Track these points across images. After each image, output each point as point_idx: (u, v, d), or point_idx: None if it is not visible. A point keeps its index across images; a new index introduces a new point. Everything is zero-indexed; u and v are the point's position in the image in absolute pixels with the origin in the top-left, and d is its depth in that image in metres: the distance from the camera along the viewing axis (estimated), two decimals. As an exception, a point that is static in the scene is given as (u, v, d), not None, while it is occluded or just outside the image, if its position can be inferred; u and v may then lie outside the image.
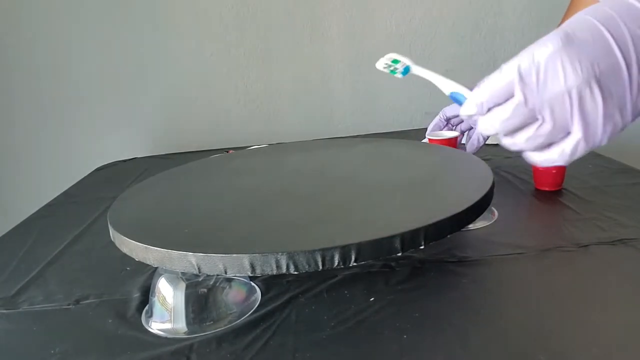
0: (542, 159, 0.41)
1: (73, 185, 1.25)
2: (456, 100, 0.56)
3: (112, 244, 0.63)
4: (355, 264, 0.52)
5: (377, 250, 0.52)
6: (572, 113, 0.38)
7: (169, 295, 0.59)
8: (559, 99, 0.37)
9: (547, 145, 0.41)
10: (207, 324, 0.57)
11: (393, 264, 0.66)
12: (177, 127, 1.62)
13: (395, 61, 0.61)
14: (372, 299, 0.59)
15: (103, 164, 1.42)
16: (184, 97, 1.60)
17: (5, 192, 1.65)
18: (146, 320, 0.60)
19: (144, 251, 0.56)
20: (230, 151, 1.13)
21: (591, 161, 1.02)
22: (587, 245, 0.68)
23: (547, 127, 0.39)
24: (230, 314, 0.59)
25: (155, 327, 0.59)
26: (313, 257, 0.51)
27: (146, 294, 0.65)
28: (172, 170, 0.86)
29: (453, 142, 1.04)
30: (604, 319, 0.53)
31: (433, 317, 0.55)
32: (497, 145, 1.23)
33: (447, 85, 0.59)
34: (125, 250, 0.60)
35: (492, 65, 1.60)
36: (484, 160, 0.76)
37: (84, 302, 0.66)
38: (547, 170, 0.87)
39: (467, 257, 0.67)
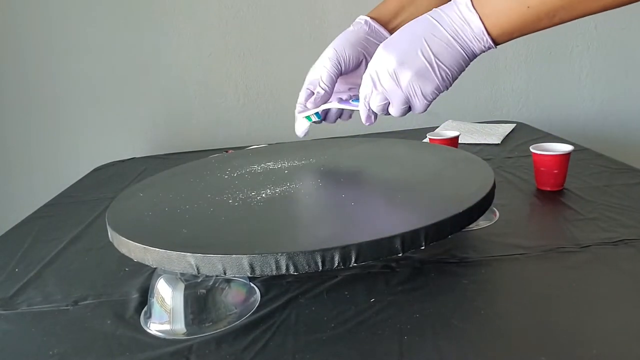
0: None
1: (71, 186, 1.24)
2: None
3: (111, 244, 0.63)
4: (355, 264, 0.52)
5: (377, 251, 0.52)
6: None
7: (167, 296, 0.58)
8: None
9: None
10: (206, 325, 0.57)
11: (393, 264, 0.66)
12: (176, 127, 1.62)
13: (309, 118, 0.72)
14: (372, 299, 0.59)
15: (101, 164, 1.42)
16: (183, 97, 1.60)
17: (4, 192, 1.64)
18: (145, 321, 0.60)
19: (142, 252, 0.56)
20: (230, 151, 1.12)
21: (592, 161, 1.02)
22: (588, 246, 0.67)
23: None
24: (230, 315, 0.58)
25: (154, 328, 0.58)
26: (313, 257, 0.51)
27: (145, 295, 0.65)
28: (171, 171, 0.86)
29: (454, 142, 1.04)
30: (605, 320, 0.52)
31: (433, 317, 0.54)
32: (498, 144, 1.23)
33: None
34: (123, 250, 0.60)
35: (492, 64, 1.60)
36: (485, 160, 0.76)
37: (83, 302, 0.66)
38: (548, 170, 0.87)
39: (468, 258, 0.67)
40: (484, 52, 0.57)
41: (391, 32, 0.70)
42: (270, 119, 1.62)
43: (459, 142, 1.07)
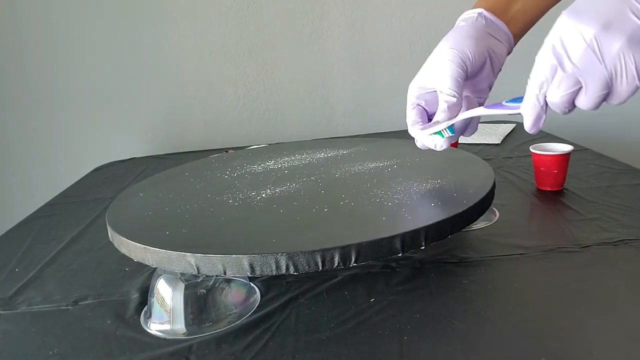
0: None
1: (71, 186, 1.24)
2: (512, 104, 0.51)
3: (111, 244, 0.63)
4: (355, 264, 0.52)
5: (377, 251, 0.52)
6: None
7: (167, 296, 0.58)
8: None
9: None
10: (206, 325, 0.57)
11: (393, 264, 0.66)
12: (176, 127, 1.62)
13: (440, 134, 0.57)
14: (372, 299, 0.59)
15: (101, 164, 1.42)
16: (183, 97, 1.60)
17: (3, 192, 1.64)
18: (145, 321, 0.60)
19: (142, 252, 0.56)
20: (230, 151, 1.12)
21: (593, 161, 1.02)
22: (588, 246, 0.67)
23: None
24: (230, 314, 0.58)
25: (154, 328, 0.58)
26: (313, 257, 0.51)
27: (145, 295, 0.65)
28: (171, 171, 0.86)
29: (454, 142, 1.04)
30: (605, 320, 0.52)
31: (433, 318, 0.54)
32: (498, 144, 1.23)
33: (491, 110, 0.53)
34: (123, 250, 0.60)
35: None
36: (485, 160, 0.76)
37: (83, 302, 0.66)
38: (548, 170, 0.87)
39: (468, 258, 0.67)
40: None
41: (508, 24, 0.58)
42: (270, 119, 1.62)
43: (459, 142, 1.07)
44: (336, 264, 0.51)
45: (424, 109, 0.59)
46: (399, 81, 1.60)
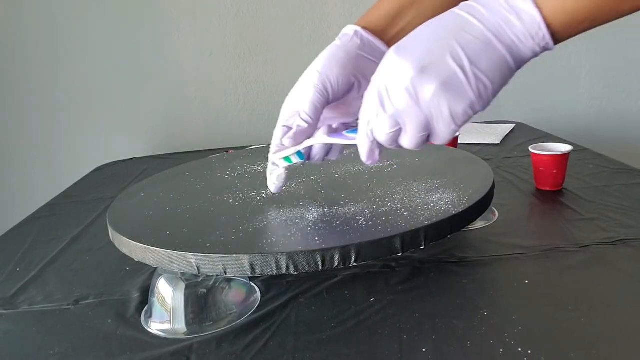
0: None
1: (72, 186, 1.24)
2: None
3: (112, 244, 0.63)
4: (355, 264, 0.52)
5: (377, 251, 0.52)
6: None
7: (168, 296, 0.59)
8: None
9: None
10: (207, 324, 0.57)
11: (393, 264, 0.66)
12: (177, 127, 1.62)
13: (287, 159, 0.56)
14: (372, 299, 0.59)
15: (102, 164, 1.42)
16: (184, 97, 1.60)
17: (4, 192, 1.64)
18: (145, 321, 0.60)
19: (143, 251, 0.56)
20: (230, 151, 1.13)
21: (592, 161, 1.02)
22: (587, 246, 0.68)
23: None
24: (230, 314, 0.59)
25: (155, 327, 0.58)
26: (313, 257, 0.51)
27: (146, 295, 0.65)
28: (172, 171, 0.86)
29: (454, 142, 1.04)
30: (604, 320, 0.53)
31: (433, 317, 0.55)
32: (498, 144, 1.23)
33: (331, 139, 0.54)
34: (124, 250, 0.60)
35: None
36: (485, 160, 0.76)
37: (84, 302, 0.66)
38: (547, 170, 0.87)
39: (467, 258, 0.67)
40: (536, 55, 0.42)
41: (389, 44, 0.55)
42: (270, 119, 1.62)
43: (459, 142, 1.07)
44: (336, 264, 0.51)
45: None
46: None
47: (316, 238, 0.53)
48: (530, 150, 0.88)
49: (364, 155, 0.48)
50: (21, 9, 1.51)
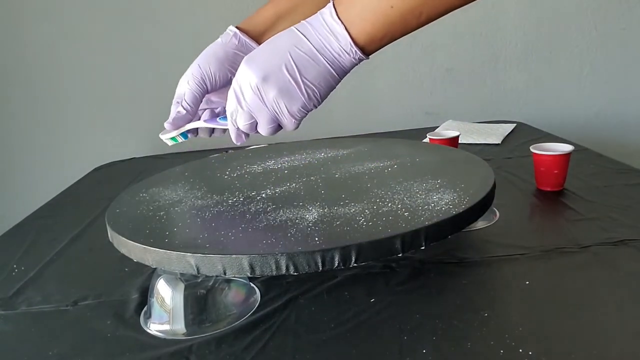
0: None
1: (71, 186, 1.24)
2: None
3: (111, 244, 0.63)
4: (355, 264, 0.51)
5: (377, 251, 0.52)
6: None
7: (167, 297, 0.58)
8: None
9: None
10: (206, 325, 0.57)
11: (393, 264, 0.66)
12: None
13: (174, 139, 0.67)
14: (372, 300, 0.59)
15: (101, 164, 1.42)
16: (184, 97, 1.60)
17: (4, 192, 1.64)
18: (145, 322, 0.60)
19: (142, 252, 0.56)
20: (230, 151, 1.12)
21: (592, 161, 1.02)
22: (588, 246, 0.67)
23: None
24: (230, 315, 0.58)
25: (154, 328, 0.58)
26: (313, 257, 0.51)
27: (145, 295, 0.65)
28: (171, 171, 0.86)
29: (454, 142, 1.04)
30: (605, 320, 0.52)
31: (433, 318, 0.54)
32: (498, 144, 1.23)
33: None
34: (123, 251, 0.60)
35: (493, 64, 1.60)
36: (485, 160, 0.76)
37: (83, 303, 0.66)
38: (548, 170, 0.87)
39: (467, 258, 0.67)
40: (355, 65, 0.53)
41: None
42: (270, 119, 1.62)
43: (459, 142, 1.07)
44: (336, 264, 0.51)
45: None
46: (398, 81, 1.61)
47: (316, 238, 0.53)
48: (531, 150, 0.88)
49: (233, 138, 0.60)
50: (21, 9, 1.51)
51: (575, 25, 1.57)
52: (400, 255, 0.53)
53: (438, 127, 1.39)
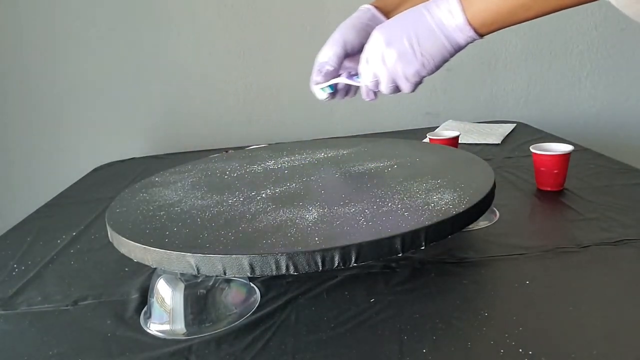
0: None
1: (71, 186, 1.24)
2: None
3: (111, 244, 0.63)
4: (355, 264, 0.51)
5: (377, 251, 0.52)
6: None
7: (167, 296, 0.58)
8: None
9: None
10: (206, 325, 0.57)
11: (393, 264, 0.66)
12: (176, 127, 1.62)
13: (324, 89, 0.75)
14: (372, 300, 0.59)
15: (101, 164, 1.42)
16: (183, 97, 1.60)
17: (4, 192, 1.64)
18: (145, 322, 0.60)
19: (142, 252, 0.56)
20: (230, 151, 1.12)
21: (593, 161, 1.02)
22: (588, 246, 0.67)
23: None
24: (230, 315, 0.58)
25: (154, 328, 0.58)
26: (313, 257, 0.51)
27: (145, 295, 0.65)
28: (171, 171, 0.86)
29: (454, 142, 1.04)
30: (605, 320, 0.52)
31: (433, 318, 0.54)
32: (498, 144, 1.23)
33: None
34: (123, 251, 0.60)
35: (492, 64, 1.60)
36: (485, 160, 0.76)
37: (83, 303, 0.66)
38: (548, 170, 0.87)
39: (468, 258, 0.67)
40: (469, 43, 0.60)
41: None
42: (270, 119, 1.62)
43: (459, 142, 1.07)
44: (336, 264, 0.51)
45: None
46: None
47: (316, 238, 0.53)
48: (531, 150, 0.88)
49: (363, 94, 0.68)
50: (22, 9, 1.51)
51: (575, 25, 1.57)
52: (400, 255, 0.53)
53: (438, 127, 1.39)
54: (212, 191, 0.72)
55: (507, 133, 1.31)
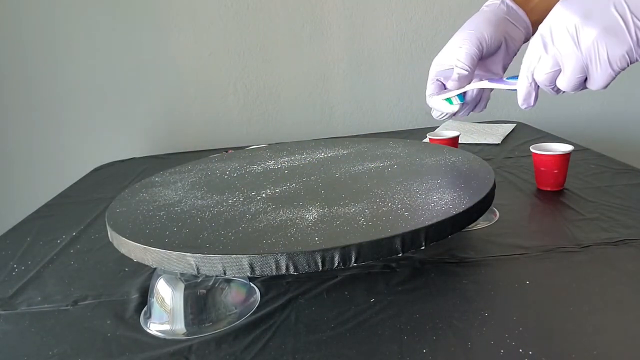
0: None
1: (71, 186, 1.24)
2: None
3: (111, 244, 0.63)
4: (355, 264, 0.51)
5: (377, 251, 0.52)
6: None
7: (167, 296, 0.58)
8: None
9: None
10: (206, 325, 0.57)
11: (393, 264, 0.66)
12: (176, 126, 1.62)
13: (449, 100, 0.62)
14: (372, 300, 0.59)
15: (101, 164, 1.42)
16: (183, 97, 1.60)
17: (3, 192, 1.64)
18: (145, 322, 0.60)
19: (142, 252, 0.56)
20: (230, 151, 1.12)
21: (593, 161, 1.02)
22: (588, 246, 0.67)
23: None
24: (230, 315, 0.58)
25: (154, 328, 0.58)
26: (313, 257, 0.51)
27: (145, 295, 0.65)
28: (171, 171, 0.86)
29: (454, 142, 1.04)
30: (605, 320, 0.52)
31: (433, 318, 0.54)
32: (498, 144, 1.23)
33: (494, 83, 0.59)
34: (123, 251, 0.60)
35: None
36: (485, 160, 0.76)
37: (83, 303, 0.66)
38: (548, 170, 0.87)
39: (468, 258, 0.67)
40: None
41: (529, 13, 0.62)
42: (270, 119, 1.62)
43: (459, 142, 1.07)
44: (336, 264, 0.51)
45: (443, 84, 0.63)
46: (398, 81, 1.61)
47: (316, 238, 0.53)
48: (531, 150, 0.88)
49: (521, 97, 0.53)
50: (22, 9, 1.51)
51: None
52: (400, 255, 0.53)
53: (438, 127, 1.39)
54: (212, 191, 0.72)
55: (507, 133, 1.31)
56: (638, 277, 0.60)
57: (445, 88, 0.63)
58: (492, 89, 0.60)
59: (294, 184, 0.72)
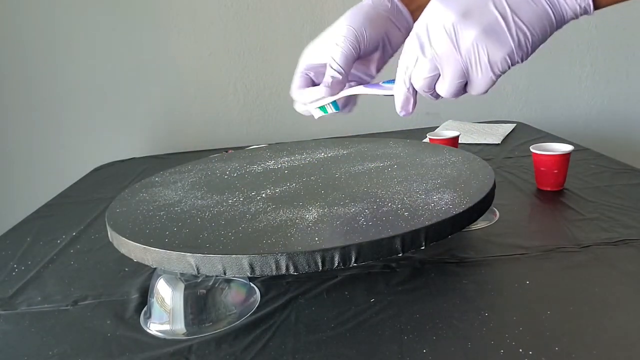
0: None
1: (71, 186, 1.24)
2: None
3: (111, 244, 0.63)
4: (355, 264, 0.51)
5: (377, 251, 0.52)
6: None
7: (167, 296, 0.58)
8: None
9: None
10: (206, 325, 0.57)
11: (393, 264, 0.66)
12: (176, 126, 1.62)
13: (323, 108, 0.59)
14: (372, 300, 0.59)
15: (101, 164, 1.42)
16: (183, 97, 1.60)
17: (3, 192, 1.64)
18: (145, 322, 0.60)
19: (142, 252, 0.56)
20: (230, 151, 1.12)
21: (593, 161, 1.02)
22: (588, 246, 0.67)
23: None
24: (230, 315, 0.58)
25: (154, 328, 0.58)
26: (313, 257, 0.51)
27: (145, 295, 0.65)
28: (171, 171, 0.86)
29: (454, 142, 1.04)
30: (605, 320, 0.52)
31: (434, 318, 0.54)
32: (498, 144, 1.23)
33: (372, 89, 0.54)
34: (123, 251, 0.60)
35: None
36: (485, 160, 0.76)
37: (83, 303, 0.66)
38: (548, 170, 0.87)
39: (468, 258, 0.67)
40: (574, 18, 0.44)
41: (413, 14, 0.57)
42: (270, 119, 1.62)
43: (459, 142, 1.07)
44: (336, 264, 0.51)
45: (312, 79, 0.59)
46: (399, 81, 1.60)
47: (316, 238, 0.53)
48: (531, 150, 0.88)
49: (398, 104, 0.48)
50: (22, 9, 1.51)
51: (575, 25, 1.57)
52: (400, 255, 0.53)
53: (438, 127, 1.39)
54: (212, 191, 0.72)
55: (507, 133, 1.31)
56: (638, 277, 0.60)
57: (314, 83, 0.58)
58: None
59: (294, 184, 0.72)
